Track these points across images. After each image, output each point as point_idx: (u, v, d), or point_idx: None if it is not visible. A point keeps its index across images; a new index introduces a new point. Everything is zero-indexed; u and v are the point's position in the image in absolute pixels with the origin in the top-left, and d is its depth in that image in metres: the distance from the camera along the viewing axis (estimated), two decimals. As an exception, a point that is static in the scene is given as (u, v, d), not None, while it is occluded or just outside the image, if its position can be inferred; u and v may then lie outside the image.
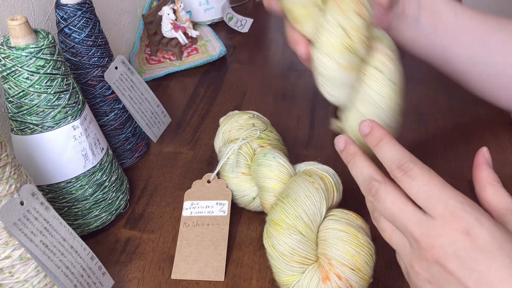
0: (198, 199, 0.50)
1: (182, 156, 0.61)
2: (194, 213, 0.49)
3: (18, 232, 0.35)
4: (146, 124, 0.59)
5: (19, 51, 0.41)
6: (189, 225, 0.49)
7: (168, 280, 0.46)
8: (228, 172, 0.50)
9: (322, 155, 0.59)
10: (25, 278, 0.38)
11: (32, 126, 0.44)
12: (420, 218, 0.32)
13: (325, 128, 0.64)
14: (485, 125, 0.61)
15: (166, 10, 0.78)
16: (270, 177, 0.46)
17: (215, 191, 0.50)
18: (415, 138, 0.61)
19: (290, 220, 0.41)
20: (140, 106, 0.58)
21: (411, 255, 0.33)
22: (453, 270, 0.30)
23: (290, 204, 0.42)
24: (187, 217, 0.49)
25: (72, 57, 0.51)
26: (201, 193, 0.51)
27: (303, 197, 0.42)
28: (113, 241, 0.50)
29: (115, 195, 0.51)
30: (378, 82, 0.43)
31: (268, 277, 0.45)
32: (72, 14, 0.50)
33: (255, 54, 0.83)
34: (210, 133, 0.64)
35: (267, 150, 0.48)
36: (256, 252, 0.48)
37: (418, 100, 0.68)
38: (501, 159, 0.57)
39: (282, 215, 0.41)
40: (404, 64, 0.80)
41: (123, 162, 0.59)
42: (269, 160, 0.47)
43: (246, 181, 0.49)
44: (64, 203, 0.48)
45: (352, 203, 0.53)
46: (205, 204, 0.50)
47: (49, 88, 0.43)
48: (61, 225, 0.39)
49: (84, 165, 0.47)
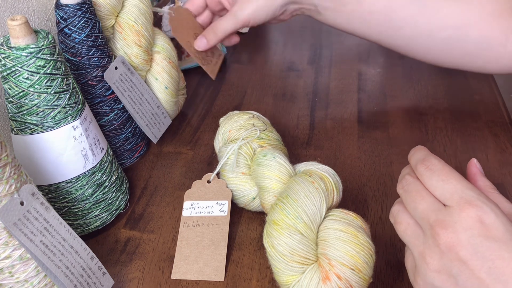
0: (198, 199, 0.50)
1: (182, 156, 0.61)
2: (194, 213, 0.49)
3: (18, 232, 0.35)
4: (146, 125, 0.59)
5: (19, 51, 0.41)
6: (189, 225, 0.49)
7: (168, 280, 0.46)
8: (228, 172, 0.50)
9: (322, 155, 0.59)
10: (25, 278, 0.38)
11: (32, 126, 0.44)
12: (438, 206, 0.33)
13: (325, 128, 0.64)
14: (485, 125, 0.61)
15: (166, 10, 0.77)
16: (270, 177, 0.46)
17: (215, 191, 0.50)
18: (415, 138, 0.61)
19: (290, 220, 0.41)
20: (140, 106, 0.58)
21: (424, 245, 0.33)
22: (466, 258, 0.30)
23: (290, 204, 0.42)
24: (187, 217, 0.49)
25: (72, 57, 0.51)
26: (201, 193, 0.51)
27: (303, 197, 0.42)
28: (113, 241, 0.50)
29: (115, 195, 0.51)
30: (155, 88, 0.61)
31: (268, 277, 0.45)
32: (72, 14, 0.50)
33: (255, 54, 0.83)
34: (210, 133, 0.64)
35: (267, 150, 0.48)
36: (256, 252, 0.48)
37: (418, 100, 0.68)
38: (501, 159, 0.57)
39: (282, 215, 0.41)
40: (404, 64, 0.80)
41: (123, 162, 0.59)
42: (269, 160, 0.47)
43: (246, 181, 0.49)
44: (64, 203, 0.48)
45: (352, 203, 0.53)
46: (205, 204, 0.50)
47: (49, 88, 0.43)
48: (61, 225, 0.39)
49: (84, 165, 0.47)
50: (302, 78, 0.75)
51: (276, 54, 0.83)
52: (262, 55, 0.83)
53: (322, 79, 0.75)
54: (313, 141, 0.61)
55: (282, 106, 0.69)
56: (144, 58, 0.58)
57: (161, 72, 0.60)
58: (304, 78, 0.75)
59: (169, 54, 0.61)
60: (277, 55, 0.83)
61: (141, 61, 0.58)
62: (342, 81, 0.74)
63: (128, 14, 0.56)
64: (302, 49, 0.84)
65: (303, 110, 0.68)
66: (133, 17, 0.56)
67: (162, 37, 0.62)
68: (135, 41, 0.57)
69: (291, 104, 0.69)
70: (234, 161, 0.49)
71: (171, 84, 0.61)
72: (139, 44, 0.57)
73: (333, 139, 0.62)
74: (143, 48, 0.58)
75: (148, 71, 0.60)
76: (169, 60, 0.61)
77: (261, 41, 0.88)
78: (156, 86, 0.61)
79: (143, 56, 0.58)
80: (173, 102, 0.62)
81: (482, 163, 0.56)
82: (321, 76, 0.75)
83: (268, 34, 0.91)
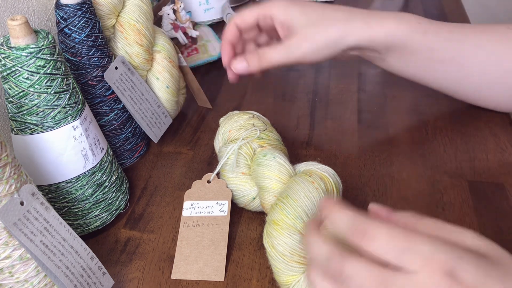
0: (198, 199, 0.50)
1: (182, 156, 0.61)
2: (194, 213, 0.49)
3: (18, 232, 0.35)
4: (147, 125, 0.59)
5: (19, 51, 0.41)
6: (189, 225, 0.49)
7: (168, 280, 0.46)
8: (228, 172, 0.50)
9: (322, 155, 0.59)
10: (25, 278, 0.38)
11: (32, 126, 0.44)
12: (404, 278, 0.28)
13: (325, 128, 0.64)
14: (485, 125, 0.61)
15: (166, 10, 0.78)
16: (270, 177, 0.46)
17: (215, 191, 0.50)
18: (415, 138, 0.61)
19: (290, 220, 0.41)
20: (141, 106, 0.58)
21: None
22: None
23: (290, 204, 0.42)
24: (187, 217, 0.49)
25: (72, 57, 0.51)
26: (201, 193, 0.51)
27: (303, 197, 0.42)
28: (113, 241, 0.50)
29: (115, 195, 0.51)
30: (157, 87, 0.61)
31: (268, 277, 0.45)
32: (72, 14, 0.50)
33: (255, 54, 0.83)
34: (210, 133, 0.64)
35: (267, 150, 0.48)
36: (256, 252, 0.48)
37: (418, 100, 0.68)
38: (501, 159, 0.57)
39: (282, 215, 0.41)
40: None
41: (123, 162, 0.59)
42: (269, 160, 0.47)
43: (246, 181, 0.49)
44: (64, 203, 0.48)
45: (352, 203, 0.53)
46: (205, 204, 0.50)
47: (49, 88, 0.43)
48: (61, 225, 0.39)
49: (84, 165, 0.47)
50: (302, 78, 0.75)
51: (276, 54, 0.83)
52: (262, 55, 0.83)
53: (322, 79, 0.74)
54: (313, 141, 0.61)
55: (282, 106, 0.69)
56: (145, 57, 0.58)
57: (162, 72, 0.60)
58: (304, 78, 0.75)
59: (170, 53, 0.62)
60: (277, 55, 0.83)
61: (142, 60, 0.58)
62: (342, 81, 0.74)
63: (129, 13, 0.56)
64: (302, 49, 0.84)
65: (303, 110, 0.68)
66: (134, 17, 0.56)
67: (163, 37, 0.62)
68: (136, 40, 0.57)
69: (291, 104, 0.69)
70: (234, 161, 0.49)
71: (172, 83, 0.61)
72: (140, 44, 0.57)
73: (333, 139, 0.62)
74: (144, 47, 0.58)
75: (149, 70, 0.61)
76: (170, 59, 0.61)
77: (261, 41, 0.88)
78: (157, 86, 0.61)
79: (144, 56, 0.58)
80: (174, 101, 0.63)
81: (482, 163, 0.56)
82: (321, 76, 0.75)
83: (268, 34, 0.90)
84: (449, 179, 0.55)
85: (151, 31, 0.59)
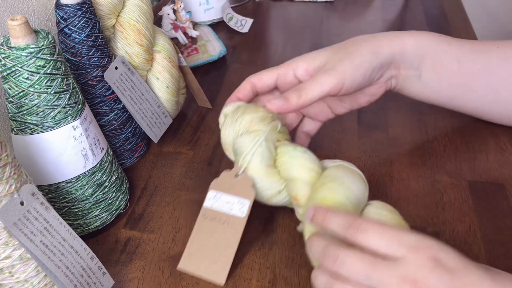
0: (223, 190, 0.48)
1: (182, 156, 0.61)
2: (215, 206, 0.48)
3: (18, 232, 0.35)
4: (147, 125, 0.59)
5: (19, 51, 0.41)
6: (207, 217, 0.47)
7: (168, 280, 0.46)
8: (255, 163, 0.47)
9: (322, 155, 0.59)
10: (25, 278, 0.38)
11: (32, 126, 0.44)
12: (391, 264, 0.33)
13: (325, 128, 0.64)
14: (485, 125, 0.61)
15: (166, 10, 0.78)
16: (306, 168, 0.46)
17: (240, 187, 0.48)
18: (415, 138, 0.61)
19: (340, 197, 0.41)
20: (141, 106, 0.58)
21: None
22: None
23: (339, 185, 0.42)
24: (207, 209, 0.47)
25: (72, 57, 0.51)
26: (226, 186, 0.48)
27: (349, 181, 0.43)
28: (113, 241, 0.50)
29: (115, 195, 0.51)
30: (157, 87, 0.61)
31: (268, 277, 0.45)
32: (72, 14, 0.50)
33: (255, 54, 0.83)
34: (210, 133, 0.64)
35: (292, 144, 0.48)
36: (256, 252, 0.48)
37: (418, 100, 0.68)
38: (501, 159, 0.57)
39: (331, 194, 0.42)
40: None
41: (123, 162, 0.59)
42: (301, 152, 0.47)
43: (273, 174, 0.48)
44: (64, 203, 0.48)
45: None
46: (227, 199, 0.48)
47: (49, 88, 0.43)
48: (61, 225, 0.39)
49: (84, 165, 0.47)
50: (302, 78, 0.75)
51: (276, 54, 0.83)
52: (262, 55, 0.83)
53: (322, 79, 0.74)
54: (313, 141, 0.61)
55: (282, 106, 0.69)
56: (145, 57, 0.59)
57: (162, 71, 0.61)
58: (304, 78, 0.75)
59: (170, 53, 0.62)
60: (277, 55, 0.83)
61: (142, 60, 0.58)
62: (342, 81, 0.74)
63: (129, 13, 0.56)
64: (302, 49, 0.84)
65: (303, 110, 0.68)
66: (134, 17, 0.56)
67: (163, 37, 0.62)
68: (136, 40, 0.57)
69: (291, 104, 0.69)
70: (263, 153, 0.47)
71: (172, 83, 0.62)
72: (140, 44, 0.57)
73: (333, 139, 0.62)
74: (144, 47, 0.58)
75: (149, 70, 0.61)
76: (170, 59, 0.61)
77: (261, 41, 0.88)
78: (158, 85, 0.61)
79: (144, 55, 0.58)
80: (174, 101, 0.63)
81: (482, 163, 0.56)
82: (321, 76, 0.75)
83: (268, 34, 0.91)
84: (449, 179, 0.55)
85: (151, 31, 0.59)
